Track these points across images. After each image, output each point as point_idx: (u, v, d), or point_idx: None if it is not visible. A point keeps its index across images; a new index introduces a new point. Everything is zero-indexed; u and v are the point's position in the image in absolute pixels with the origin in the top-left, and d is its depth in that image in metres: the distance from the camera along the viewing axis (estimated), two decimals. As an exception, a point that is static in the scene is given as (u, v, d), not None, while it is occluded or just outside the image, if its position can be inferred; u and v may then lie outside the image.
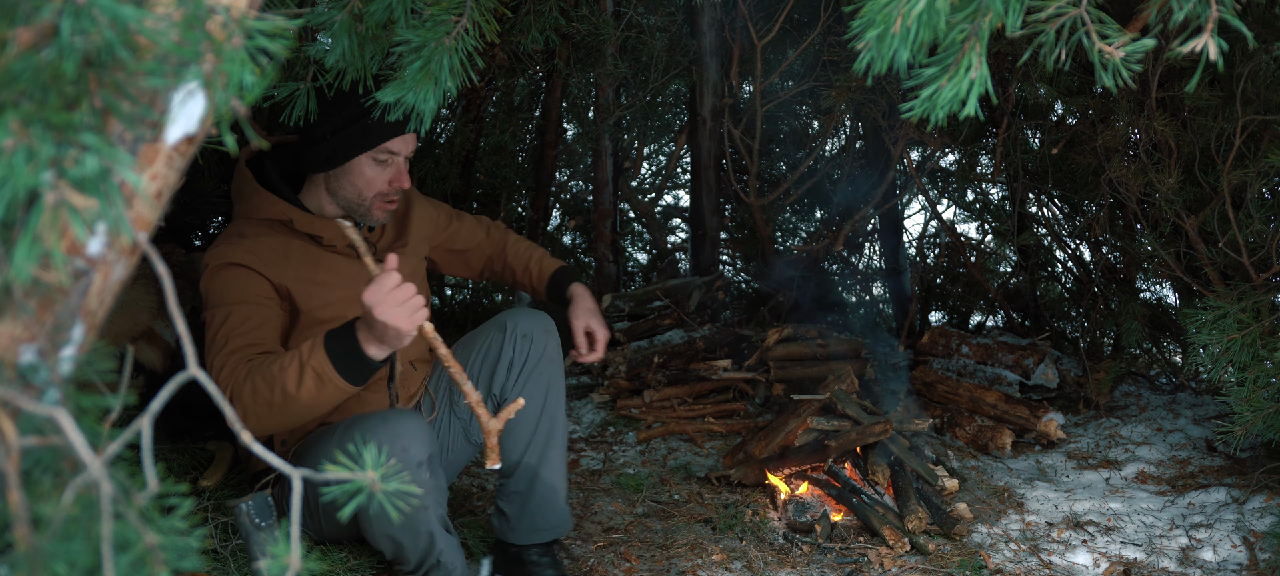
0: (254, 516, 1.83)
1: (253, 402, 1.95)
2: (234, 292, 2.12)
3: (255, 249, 2.17)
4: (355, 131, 2.17)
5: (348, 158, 2.20)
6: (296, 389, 1.91)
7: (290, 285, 2.19)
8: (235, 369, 2.00)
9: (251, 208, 2.24)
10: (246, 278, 2.14)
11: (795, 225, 5.56)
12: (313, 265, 2.24)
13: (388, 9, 1.33)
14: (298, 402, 1.92)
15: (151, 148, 0.81)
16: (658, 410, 3.75)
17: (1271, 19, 2.79)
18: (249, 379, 1.95)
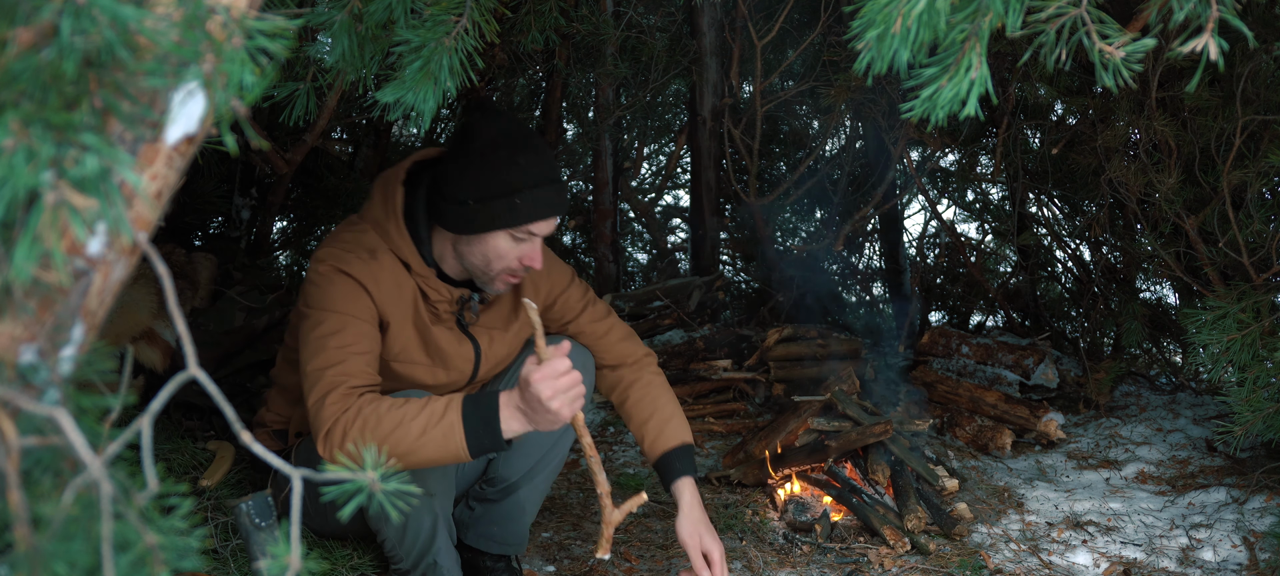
0: (254, 516, 1.83)
1: (361, 437, 1.88)
2: (351, 305, 2.03)
3: (378, 277, 2.07)
4: (501, 207, 2.01)
5: (486, 230, 2.04)
6: (416, 440, 1.87)
7: (391, 323, 2.11)
8: (347, 396, 1.92)
9: (386, 232, 2.11)
10: (363, 299, 2.05)
11: (795, 225, 5.56)
12: (413, 315, 2.15)
13: (388, 9, 1.33)
14: (410, 455, 1.88)
15: (151, 148, 0.81)
16: (658, 410, 3.75)
17: (1271, 19, 2.79)
18: (361, 414, 1.89)
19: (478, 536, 2.43)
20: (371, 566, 2.41)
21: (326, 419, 1.91)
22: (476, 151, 2.01)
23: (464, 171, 2.02)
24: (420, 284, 2.13)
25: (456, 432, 1.87)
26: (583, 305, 2.45)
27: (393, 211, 2.10)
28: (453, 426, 1.87)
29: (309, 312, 2.04)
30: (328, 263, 2.05)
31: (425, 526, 2.16)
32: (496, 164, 2.00)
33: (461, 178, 2.02)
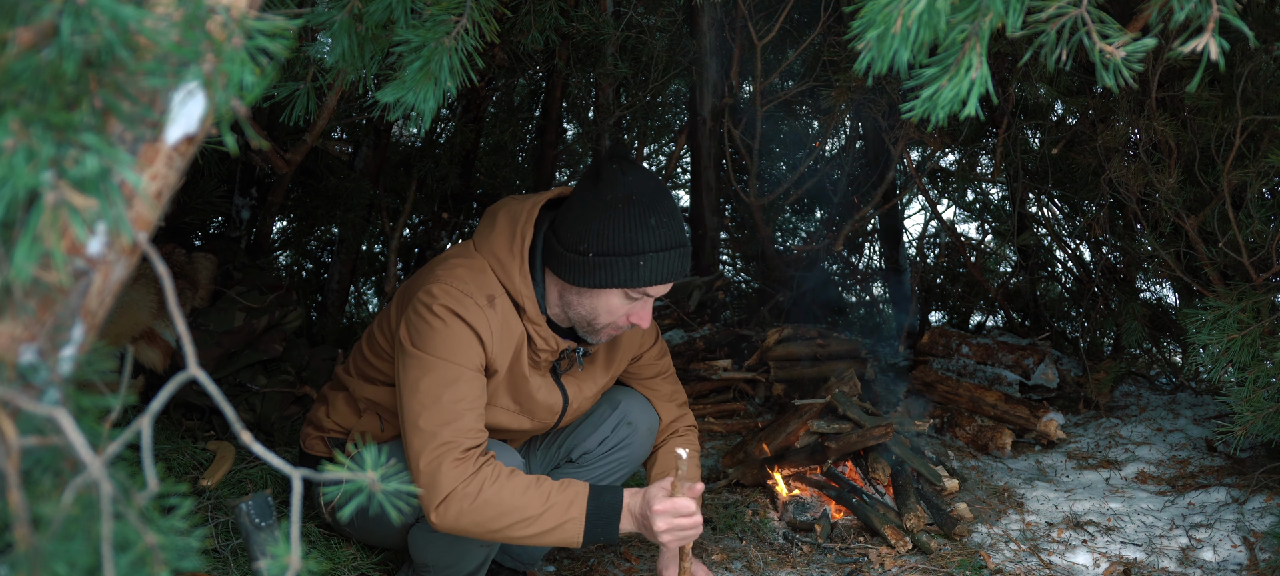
0: (254, 516, 1.83)
1: (478, 516, 1.87)
2: (466, 356, 1.94)
3: (494, 326, 1.99)
4: (623, 266, 1.93)
5: (603, 286, 1.96)
6: (535, 531, 1.90)
7: (496, 371, 2.04)
8: (463, 461, 1.88)
9: (507, 273, 2.01)
10: (478, 349, 1.97)
11: (795, 225, 5.56)
12: (517, 364, 2.08)
13: (387, 9, 1.33)
14: (525, 540, 1.91)
15: (151, 148, 0.81)
16: (658, 410, 3.75)
17: (1272, 19, 2.79)
18: (483, 492, 1.87)
19: (500, 552, 2.44)
20: (375, 567, 2.41)
21: (443, 486, 1.86)
22: (607, 203, 1.92)
23: (589, 221, 1.93)
24: (530, 331, 2.05)
25: (576, 529, 1.92)
26: (657, 367, 2.44)
27: (519, 252, 2.00)
28: (575, 523, 1.91)
29: (418, 355, 1.94)
30: (443, 303, 1.94)
31: (477, 557, 2.15)
32: (627, 221, 1.92)
33: (586, 228, 1.94)
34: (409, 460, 1.93)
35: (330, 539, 2.43)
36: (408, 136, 4.76)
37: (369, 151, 3.94)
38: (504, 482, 1.88)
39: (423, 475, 1.89)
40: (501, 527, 1.88)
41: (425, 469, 1.89)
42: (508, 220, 2.03)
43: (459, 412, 1.91)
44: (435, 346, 1.93)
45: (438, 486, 1.87)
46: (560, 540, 1.92)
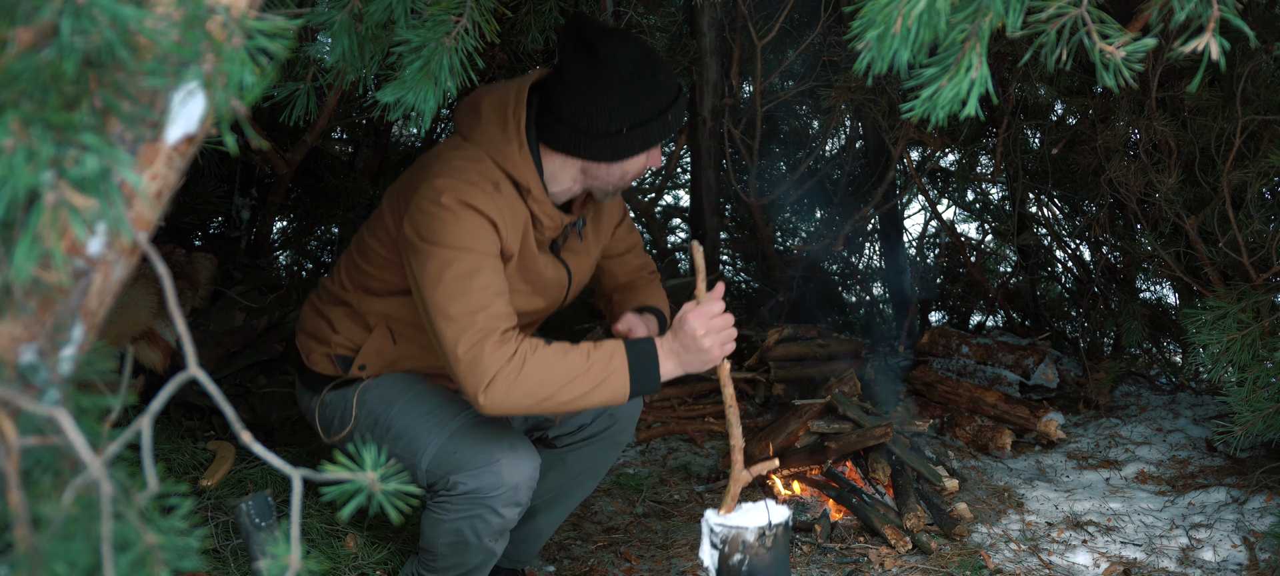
0: (254, 516, 1.83)
1: (528, 389, 1.86)
2: (484, 243, 1.93)
3: (501, 210, 1.97)
4: (655, 126, 1.98)
5: (640, 151, 2.00)
6: (584, 392, 1.88)
7: (511, 256, 2.04)
8: (504, 342, 1.87)
9: (506, 157, 2.00)
10: (493, 235, 1.95)
11: (795, 225, 5.56)
12: (526, 245, 2.08)
13: (387, 9, 1.33)
14: (573, 403, 1.89)
15: (151, 148, 0.81)
16: (658, 410, 3.75)
17: (1272, 19, 2.79)
18: (526, 364, 1.86)
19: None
20: (376, 566, 2.41)
21: (489, 368, 1.85)
22: (623, 79, 1.93)
23: (612, 102, 1.94)
24: (534, 211, 2.04)
25: (621, 380, 1.89)
26: (629, 242, 2.46)
27: (516, 136, 1.99)
28: (619, 374, 1.89)
29: (434, 250, 1.91)
30: (452, 194, 1.92)
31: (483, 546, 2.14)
32: (645, 88, 1.95)
33: (612, 108, 1.94)
34: (445, 351, 1.89)
35: (330, 538, 2.43)
36: (408, 136, 4.76)
37: (369, 151, 3.94)
38: (543, 352, 1.88)
39: (463, 362, 1.86)
40: (549, 396, 1.87)
41: (465, 355, 1.86)
42: (494, 108, 2.03)
43: (488, 299, 1.89)
44: (452, 238, 1.90)
45: (482, 370, 1.85)
46: (606, 397, 1.90)
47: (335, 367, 2.21)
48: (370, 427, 2.16)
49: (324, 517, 2.50)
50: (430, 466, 2.09)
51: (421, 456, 2.08)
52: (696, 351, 1.91)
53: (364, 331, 2.19)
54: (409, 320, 2.13)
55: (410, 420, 2.13)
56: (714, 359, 1.93)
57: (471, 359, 1.86)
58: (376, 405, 2.16)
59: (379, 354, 2.17)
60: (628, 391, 1.91)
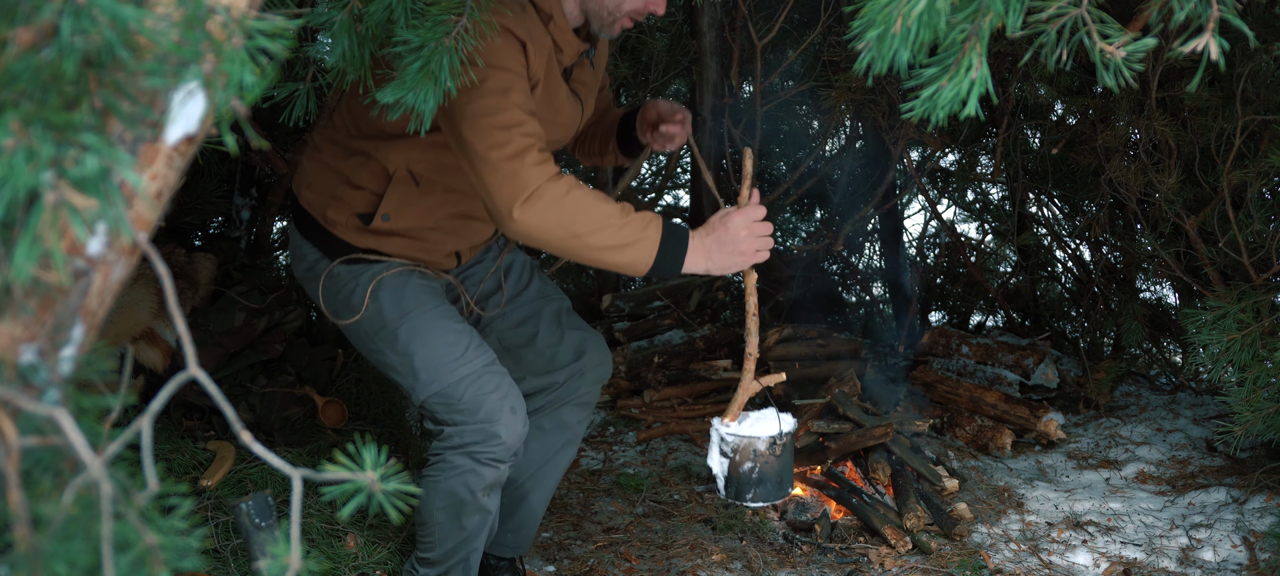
0: (254, 516, 1.83)
1: (564, 214, 1.82)
2: (516, 64, 1.87)
3: (531, 31, 1.92)
4: None
5: None
6: (614, 242, 1.85)
7: (537, 81, 1.98)
8: (546, 161, 1.83)
9: None
10: (522, 57, 1.90)
11: (795, 225, 5.56)
12: (550, 73, 2.03)
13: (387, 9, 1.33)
14: (598, 252, 1.86)
15: (151, 148, 0.81)
16: (658, 410, 3.75)
17: (1272, 19, 2.79)
18: (571, 193, 1.82)
19: (494, 544, 2.43)
20: (376, 566, 2.41)
21: (530, 182, 1.80)
22: None
23: None
24: (555, 37, 1.99)
25: (650, 249, 1.87)
26: (605, 81, 2.44)
27: None
28: (649, 244, 1.87)
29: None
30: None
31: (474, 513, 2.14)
32: None
33: None
34: (479, 158, 1.82)
35: (331, 538, 2.43)
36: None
37: (369, 151, 3.94)
38: (586, 189, 1.84)
39: (501, 172, 1.80)
40: (579, 233, 1.83)
41: (504, 166, 1.80)
42: None
43: (525, 116, 1.85)
44: (485, 55, 1.79)
45: (522, 181, 1.80)
46: (629, 260, 1.88)
47: (357, 224, 2.10)
48: (377, 329, 2.08)
49: (324, 517, 2.50)
50: (428, 401, 2.06)
51: (423, 388, 2.06)
52: (732, 250, 1.92)
53: (384, 180, 2.08)
54: (433, 161, 2.04)
55: (420, 344, 2.07)
56: (747, 259, 1.94)
57: (512, 170, 1.80)
58: (389, 308, 2.08)
59: (403, 203, 2.07)
60: (651, 263, 1.88)
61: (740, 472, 2.01)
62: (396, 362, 2.09)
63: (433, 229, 2.13)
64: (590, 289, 5.44)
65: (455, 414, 2.06)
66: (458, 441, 2.06)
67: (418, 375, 2.06)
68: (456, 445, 2.06)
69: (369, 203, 2.09)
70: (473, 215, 2.15)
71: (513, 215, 1.81)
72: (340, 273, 2.11)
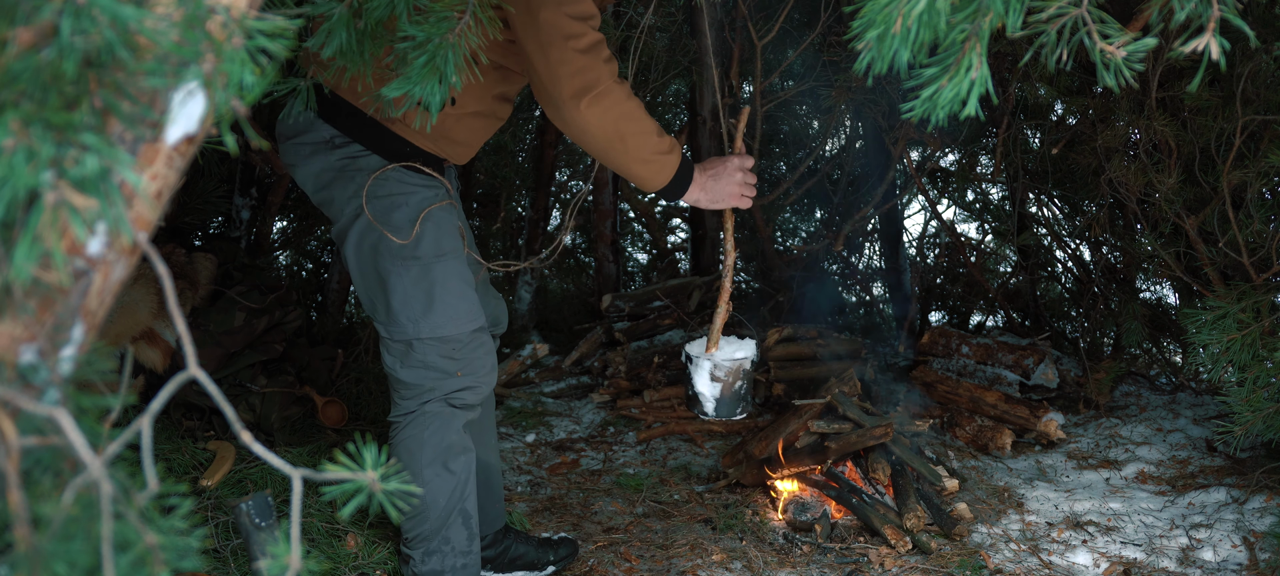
0: (254, 516, 1.83)
1: (622, 115, 1.95)
2: None
3: None
4: None
5: None
6: (650, 153, 2.02)
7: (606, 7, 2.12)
8: (613, 61, 1.93)
9: None
10: None
11: (795, 225, 5.56)
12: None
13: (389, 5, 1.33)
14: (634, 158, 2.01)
15: (151, 148, 0.81)
16: (658, 410, 3.75)
17: (1272, 19, 2.79)
18: (631, 99, 1.96)
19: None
20: (376, 566, 2.41)
21: (601, 77, 1.89)
22: None
23: None
24: None
25: (669, 169, 2.08)
26: None
27: None
28: (669, 167, 2.08)
29: None
30: None
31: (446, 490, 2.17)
32: None
33: None
34: (553, 46, 1.87)
35: (331, 538, 2.43)
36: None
37: (369, 151, 3.94)
38: (636, 99, 1.99)
39: (574, 62, 1.87)
40: (627, 137, 1.98)
41: (578, 56, 1.87)
42: None
43: (597, 11, 1.91)
44: None
45: (594, 76, 1.88)
46: (650, 175, 2.07)
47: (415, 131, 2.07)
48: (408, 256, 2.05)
49: (324, 517, 2.50)
50: (425, 342, 2.06)
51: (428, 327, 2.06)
52: (724, 189, 2.18)
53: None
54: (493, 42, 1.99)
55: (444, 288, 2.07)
56: (733, 201, 2.20)
57: (585, 64, 1.88)
58: (428, 242, 2.06)
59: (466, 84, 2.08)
60: (665, 183, 2.10)
61: (732, 392, 2.28)
62: (406, 292, 2.05)
63: (479, 115, 2.11)
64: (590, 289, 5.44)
65: (451, 361, 2.09)
66: (440, 391, 2.10)
67: (430, 314, 2.06)
68: (438, 395, 2.10)
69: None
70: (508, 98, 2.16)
71: (579, 107, 1.90)
72: (392, 177, 2.04)
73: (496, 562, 2.53)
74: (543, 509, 3.03)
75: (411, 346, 2.08)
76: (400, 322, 2.07)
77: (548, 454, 3.50)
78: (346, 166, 2.05)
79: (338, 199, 2.07)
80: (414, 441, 2.12)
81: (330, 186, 2.07)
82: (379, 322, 2.13)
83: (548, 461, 3.43)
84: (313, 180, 2.10)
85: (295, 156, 2.11)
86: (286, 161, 2.15)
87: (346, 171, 2.05)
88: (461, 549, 2.22)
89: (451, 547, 2.21)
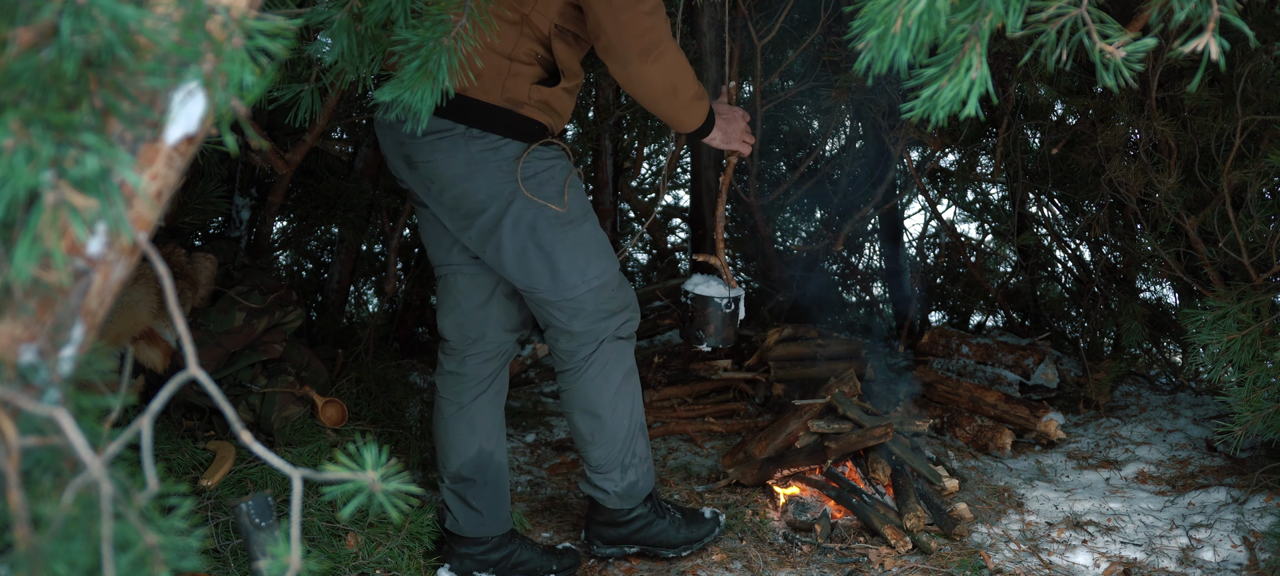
0: (254, 516, 1.83)
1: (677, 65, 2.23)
2: None
3: None
4: None
5: None
6: (692, 98, 2.32)
7: None
8: (669, 22, 2.19)
9: None
10: None
11: (795, 225, 5.56)
12: None
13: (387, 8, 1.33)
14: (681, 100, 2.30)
15: (151, 148, 0.81)
16: (658, 410, 3.75)
17: (1272, 19, 2.79)
18: (680, 54, 2.24)
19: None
20: (377, 565, 2.41)
21: (662, 36, 2.17)
22: None
23: None
24: None
25: (702, 116, 2.40)
26: None
27: None
28: (703, 111, 2.39)
29: None
30: None
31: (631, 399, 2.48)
32: None
33: None
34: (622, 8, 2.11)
35: (331, 537, 2.43)
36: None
37: (369, 151, 3.94)
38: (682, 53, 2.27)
39: (640, 23, 2.13)
40: (679, 89, 2.28)
41: (644, 17, 2.13)
42: None
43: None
44: None
45: (657, 36, 2.15)
46: (689, 120, 2.38)
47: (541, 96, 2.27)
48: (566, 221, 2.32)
49: (325, 517, 2.50)
50: (592, 294, 2.34)
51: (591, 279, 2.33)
52: (734, 134, 2.54)
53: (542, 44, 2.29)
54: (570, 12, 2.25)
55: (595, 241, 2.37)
56: (736, 145, 2.56)
57: (650, 25, 2.14)
58: (576, 204, 2.34)
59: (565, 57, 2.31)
60: (698, 126, 2.42)
61: (736, 322, 2.68)
62: (570, 255, 2.31)
63: (570, 90, 2.35)
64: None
65: (614, 302, 2.38)
66: (610, 330, 2.39)
67: (589, 267, 2.33)
68: (609, 334, 2.39)
69: (543, 66, 2.29)
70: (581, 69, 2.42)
71: (645, 64, 2.17)
72: (535, 156, 2.29)
73: (500, 566, 2.53)
74: (543, 509, 3.03)
75: (581, 300, 2.34)
76: (569, 282, 2.32)
77: (548, 454, 3.50)
78: (488, 156, 2.23)
79: (481, 189, 2.24)
80: (601, 378, 2.41)
81: (471, 177, 2.23)
82: (541, 291, 2.33)
83: (548, 461, 3.43)
84: (451, 174, 2.24)
85: (429, 153, 2.24)
86: (420, 158, 2.26)
87: (488, 161, 2.24)
88: (644, 455, 2.55)
89: (638, 458, 2.52)
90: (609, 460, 2.49)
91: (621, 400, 2.46)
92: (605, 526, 2.59)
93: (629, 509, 2.56)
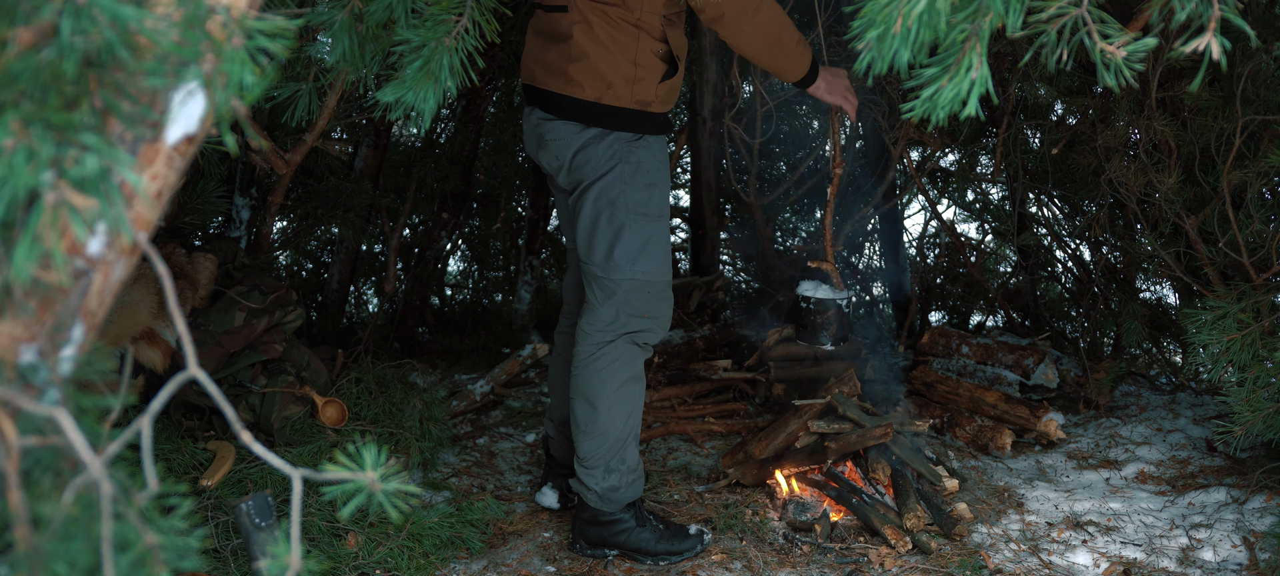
0: (254, 516, 1.83)
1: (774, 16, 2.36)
2: None
3: None
4: None
5: None
6: (795, 46, 2.45)
7: None
8: None
9: None
10: None
11: (795, 225, 5.56)
12: None
13: (388, 9, 1.33)
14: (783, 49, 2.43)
15: (151, 148, 0.81)
16: (658, 410, 3.75)
17: (1272, 19, 2.79)
18: (778, 6, 2.37)
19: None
20: (376, 565, 2.41)
21: None
22: None
23: None
24: None
25: (806, 64, 2.52)
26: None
27: None
28: (807, 59, 2.52)
29: None
30: None
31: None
32: None
33: None
34: None
35: (331, 537, 2.43)
36: (408, 137, 4.76)
37: (369, 151, 3.94)
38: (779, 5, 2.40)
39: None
40: (782, 37, 2.41)
41: None
42: None
43: None
44: None
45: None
46: (796, 67, 2.50)
47: (665, 93, 2.47)
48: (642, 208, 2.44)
49: (325, 517, 2.50)
50: (632, 285, 2.44)
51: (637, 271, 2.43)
52: (839, 89, 2.64)
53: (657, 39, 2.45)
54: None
55: (660, 241, 2.47)
56: (840, 99, 2.65)
57: None
58: (658, 199, 2.48)
59: (677, 44, 2.49)
60: (803, 73, 2.53)
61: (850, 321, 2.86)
62: (631, 241, 2.43)
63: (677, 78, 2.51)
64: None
65: (648, 306, 2.47)
66: (630, 328, 2.47)
67: (640, 260, 2.44)
68: (629, 332, 2.48)
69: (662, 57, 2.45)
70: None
71: (747, 21, 2.31)
72: (642, 146, 2.46)
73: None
74: (543, 508, 3.03)
75: (619, 285, 2.44)
76: (618, 264, 2.43)
77: (548, 454, 3.50)
78: (605, 136, 2.44)
79: (590, 160, 2.44)
80: (606, 370, 2.49)
81: (588, 148, 2.44)
82: (594, 264, 2.46)
83: (548, 461, 3.43)
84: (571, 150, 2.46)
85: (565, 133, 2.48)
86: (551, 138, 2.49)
87: (603, 140, 2.44)
88: (633, 465, 2.61)
89: (625, 465, 2.58)
90: (596, 456, 2.56)
91: (620, 400, 2.53)
92: (589, 525, 2.66)
93: (609, 512, 2.63)
